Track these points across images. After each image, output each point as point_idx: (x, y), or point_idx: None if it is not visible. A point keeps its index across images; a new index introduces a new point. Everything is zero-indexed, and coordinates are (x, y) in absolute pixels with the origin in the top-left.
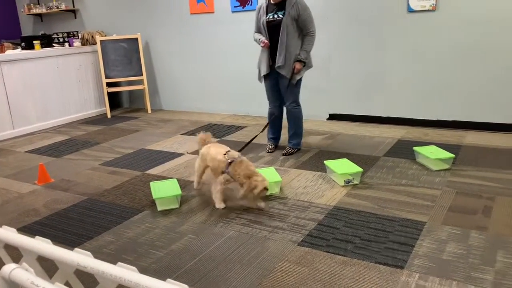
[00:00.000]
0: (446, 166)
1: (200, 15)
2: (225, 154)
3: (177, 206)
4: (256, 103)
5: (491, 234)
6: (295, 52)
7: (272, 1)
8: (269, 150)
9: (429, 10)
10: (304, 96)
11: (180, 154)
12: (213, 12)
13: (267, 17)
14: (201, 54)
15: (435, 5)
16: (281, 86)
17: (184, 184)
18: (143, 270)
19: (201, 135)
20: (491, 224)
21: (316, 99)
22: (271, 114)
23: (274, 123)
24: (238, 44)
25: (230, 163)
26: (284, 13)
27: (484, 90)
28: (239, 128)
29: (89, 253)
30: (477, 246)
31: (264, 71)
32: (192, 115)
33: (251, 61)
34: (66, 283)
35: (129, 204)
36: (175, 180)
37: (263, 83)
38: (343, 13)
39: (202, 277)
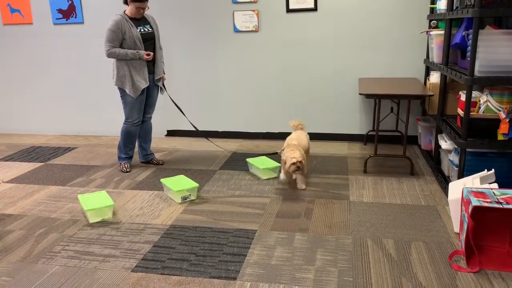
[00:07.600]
0: (274, 175)
1: (16, 26)
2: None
3: None
4: (87, 122)
5: (311, 235)
6: None
7: (132, 16)
8: (128, 170)
9: (252, 31)
10: None
11: None
12: (31, 24)
13: (139, 30)
14: (20, 69)
15: (258, 26)
16: (152, 99)
17: None
18: None
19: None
20: (311, 225)
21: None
22: (136, 132)
23: (133, 140)
24: (62, 58)
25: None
26: (151, 27)
27: (299, 103)
28: (67, 149)
29: None
30: (300, 247)
31: (144, 84)
32: (10, 138)
33: (79, 76)
34: None
35: None
36: None
37: (132, 99)
38: (175, 31)
39: None
